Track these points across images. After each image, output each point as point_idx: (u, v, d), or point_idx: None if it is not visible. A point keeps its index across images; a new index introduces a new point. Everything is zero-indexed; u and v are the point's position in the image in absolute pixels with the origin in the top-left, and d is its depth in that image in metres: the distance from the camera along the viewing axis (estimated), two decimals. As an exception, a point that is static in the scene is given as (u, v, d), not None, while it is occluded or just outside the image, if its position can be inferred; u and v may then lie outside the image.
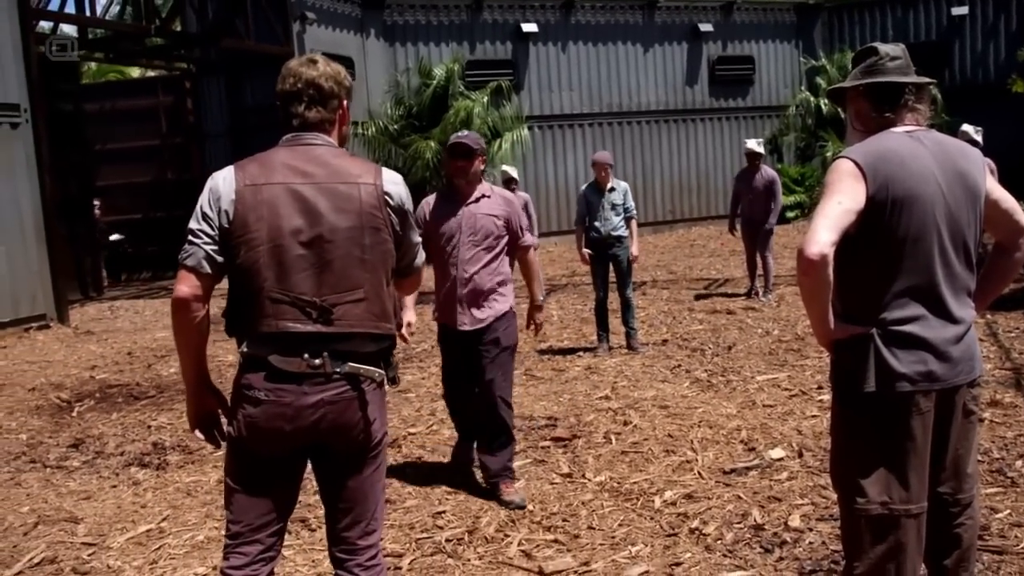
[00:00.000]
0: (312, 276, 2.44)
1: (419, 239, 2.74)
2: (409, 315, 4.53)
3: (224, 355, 8.59)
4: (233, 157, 17.14)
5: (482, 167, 4.62)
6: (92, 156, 17.35)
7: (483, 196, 4.59)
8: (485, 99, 18.35)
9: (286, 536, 2.76)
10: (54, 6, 15.19)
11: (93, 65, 22.60)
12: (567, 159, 20.22)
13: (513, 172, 11.77)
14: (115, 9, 17.55)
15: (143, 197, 18.54)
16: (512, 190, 11.56)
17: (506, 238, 4.62)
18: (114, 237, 17.83)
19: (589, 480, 4.71)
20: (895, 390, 2.50)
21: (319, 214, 2.45)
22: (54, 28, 16.51)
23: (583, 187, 8.52)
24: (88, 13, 14.77)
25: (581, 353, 8.14)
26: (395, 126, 18.31)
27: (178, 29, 17.17)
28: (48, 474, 5.50)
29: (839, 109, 6.66)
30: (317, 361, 2.43)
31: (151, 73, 21.18)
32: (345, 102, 2.65)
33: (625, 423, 5.66)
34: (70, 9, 15.20)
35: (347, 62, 17.89)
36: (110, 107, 18.65)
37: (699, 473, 4.69)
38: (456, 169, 4.60)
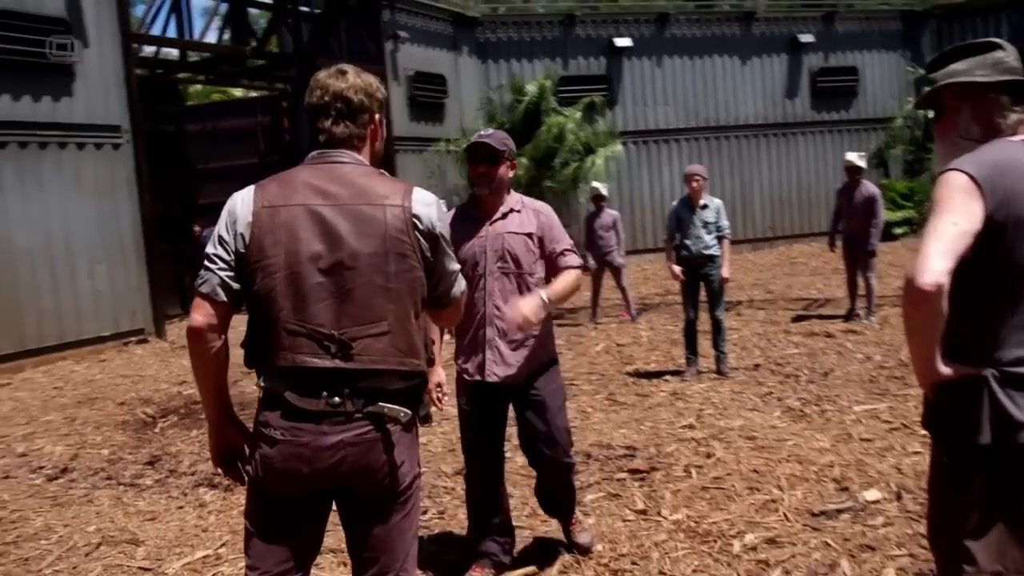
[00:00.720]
0: (331, 306, 2.24)
1: (457, 266, 2.47)
2: (438, 375, 3.64)
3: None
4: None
5: (511, 174, 3.68)
6: (194, 175, 17.83)
7: (511, 211, 3.70)
8: (578, 115, 18.13)
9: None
10: (156, 30, 15.59)
11: (199, 87, 23.31)
12: (662, 175, 19.81)
13: (603, 189, 11.51)
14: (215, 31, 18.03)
15: (202, 218, 18.93)
16: (600, 207, 11.32)
17: (542, 262, 3.74)
18: None
19: (664, 518, 4.40)
20: (1016, 442, 2.13)
21: (340, 238, 2.25)
22: (156, 52, 17.05)
23: (674, 202, 8.21)
24: (188, 36, 15.11)
25: (668, 377, 7.80)
26: (487, 143, 18.24)
27: (275, 50, 17.52)
28: (120, 492, 5.50)
29: (929, 114, 5.79)
30: (337, 399, 2.23)
31: (253, 93, 21.66)
32: (377, 116, 2.45)
33: (708, 456, 5.32)
34: (170, 32, 15.58)
35: (440, 80, 18.00)
36: (211, 127, 19.15)
37: (785, 514, 4.32)
38: (477, 176, 3.66)
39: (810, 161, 21.05)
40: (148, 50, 16.74)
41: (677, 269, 7.81)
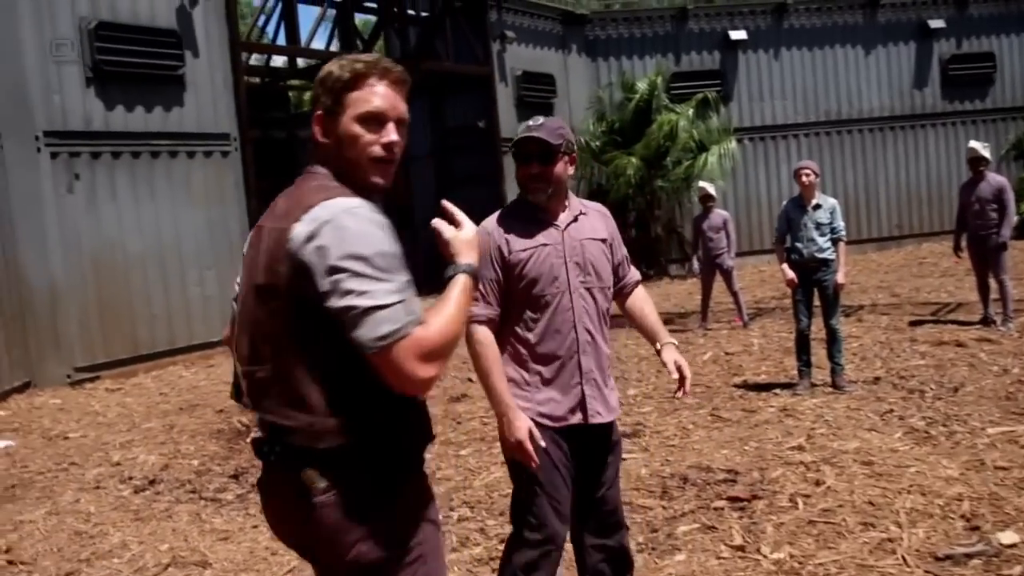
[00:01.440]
0: (242, 341, 1.99)
1: (361, 302, 1.74)
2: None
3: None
4: (436, 178, 17.50)
5: (571, 171, 3.00)
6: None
7: (580, 213, 3.06)
8: (690, 111, 17.59)
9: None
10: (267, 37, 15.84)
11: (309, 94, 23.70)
12: (780, 172, 18.96)
13: (711, 188, 10.98)
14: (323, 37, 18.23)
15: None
16: (709, 208, 10.80)
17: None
18: None
19: (764, 557, 3.95)
20: None
21: (249, 266, 1.99)
22: (267, 60, 17.36)
23: (784, 202, 7.66)
24: (296, 43, 15.26)
25: (778, 390, 7.25)
26: (597, 143, 17.90)
27: (381, 54, 17.58)
28: (200, 507, 5.40)
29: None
30: (265, 448, 1.95)
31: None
32: (320, 110, 1.97)
33: (817, 483, 4.81)
34: (280, 40, 15.81)
35: (548, 80, 17.74)
36: (323, 133, 19.42)
37: (903, 557, 3.81)
38: (529, 179, 2.93)
39: (940, 154, 19.81)
40: (259, 58, 17.07)
41: (790, 273, 7.26)
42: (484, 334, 2.89)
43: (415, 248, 9.12)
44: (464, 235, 1.97)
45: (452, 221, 1.99)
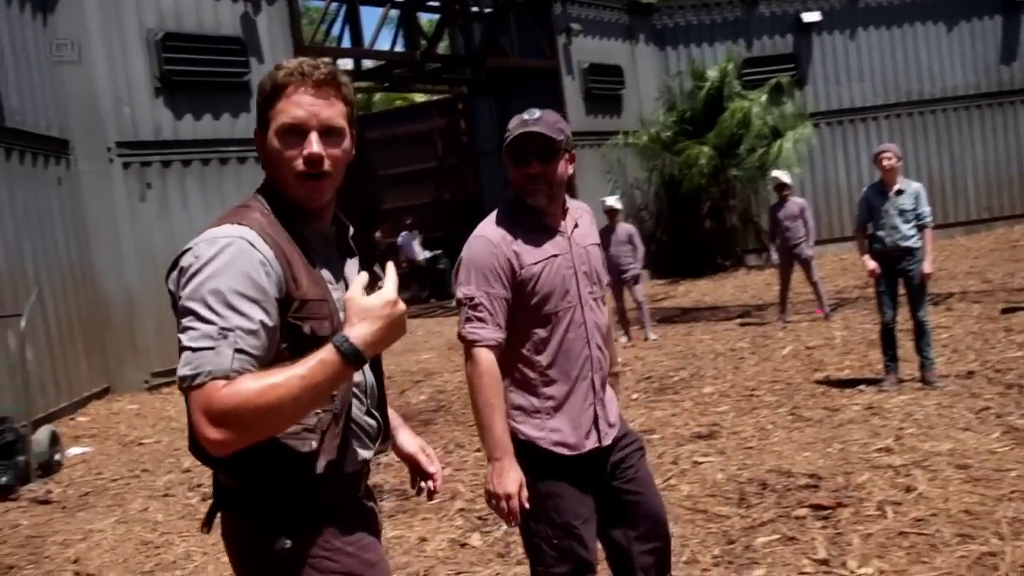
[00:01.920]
0: None
1: (187, 339, 1.59)
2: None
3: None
4: (504, 175, 17.49)
5: (571, 170, 2.68)
6: (374, 182, 18.17)
7: (579, 218, 2.78)
8: (763, 98, 17.07)
9: None
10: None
11: (381, 95, 23.81)
12: (860, 157, 18.25)
13: (785, 177, 10.58)
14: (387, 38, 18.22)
15: (423, 218, 19.13)
16: (785, 196, 10.41)
17: None
18: (428, 254, 18.46)
19: (851, 572, 3.66)
20: None
21: None
22: (333, 63, 17.40)
23: (864, 188, 7.28)
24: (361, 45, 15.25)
25: (863, 386, 6.88)
26: (667, 133, 17.52)
27: (447, 53, 17.51)
28: (266, 518, 5.32)
29: None
30: None
31: (434, 97, 21.90)
32: (256, 128, 1.83)
33: (908, 489, 4.49)
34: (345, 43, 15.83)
35: (616, 71, 17.45)
36: (389, 133, 19.48)
37: (1007, 574, 3.49)
38: (526, 180, 2.61)
39: (1033, 132, 18.86)
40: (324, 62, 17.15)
41: (871, 264, 6.88)
42: (490, 362, 2.55)
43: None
44: (365, 302, 1.61)
45: (376, 282, 1.69)
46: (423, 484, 2.15)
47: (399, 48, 16.13)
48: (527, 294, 2.61)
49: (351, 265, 1.94)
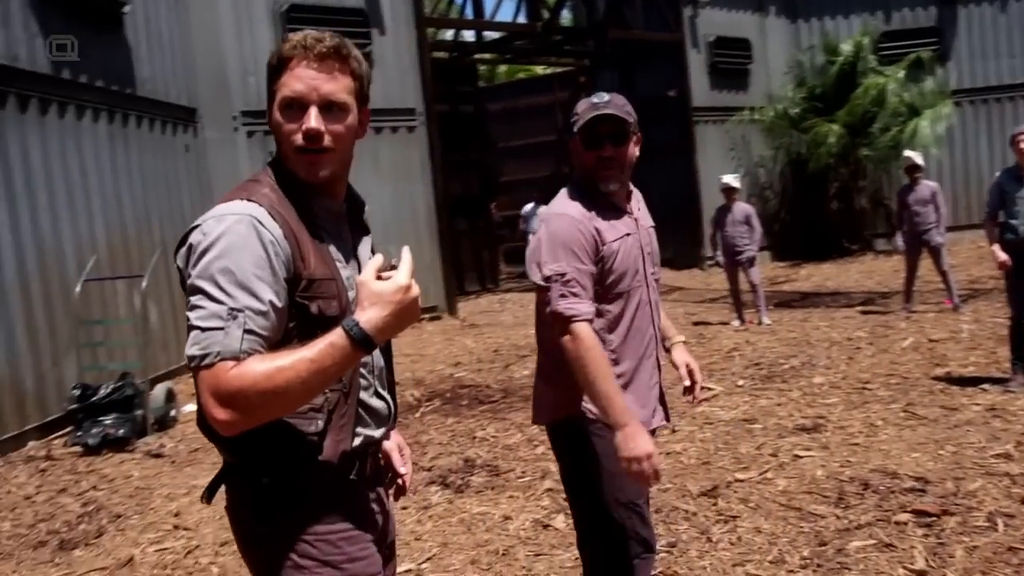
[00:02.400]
0: None
1: (195, 317, 1.58)
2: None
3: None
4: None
5: (636, 152, 2.65)
6: (493, 154, 18.18)
7: (640, 200, 2.83)
8: (901, 74, 16.22)
9: None
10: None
11: (504, 67, 23.77)
12: (1004, 139, 17.10)
13: (918, 158, 10.01)
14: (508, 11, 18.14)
15: (541, 191, 19.06)
16: (916, 179, 9.87)
17: None
18: None
19: (950, 586, 3.44)
20: None
21: None
22: (456, 35, 17.48)
23: (997, 173, 6.80)
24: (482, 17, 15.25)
25: (987, 385, 6.45)
26: (796, 110, 16.86)
27: (569, 24, 17.30)
28: (359, 486, 5.41)
29: None
30: None
31: (558, 70, 21.74)
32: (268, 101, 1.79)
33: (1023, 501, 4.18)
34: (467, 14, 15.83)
35: (743, 44, 16.94)
36: (511, 106, 19.44)
37: (1125, 602, 3.20)
38: (601, 163, 2.60)
39: None
40: (448, 34, 17.23)
41: (1002, 255, 6.43)
42: (591, 335, 2.53)
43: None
44: (377, 286, 1.58)
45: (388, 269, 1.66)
46: (396, 482, 2.09)
47: (521, 20, 16.02)
48: (605, 272, 2.62)
49: (365, 243, 1.91)
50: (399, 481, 2.09)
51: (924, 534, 3.94)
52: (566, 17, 19.12)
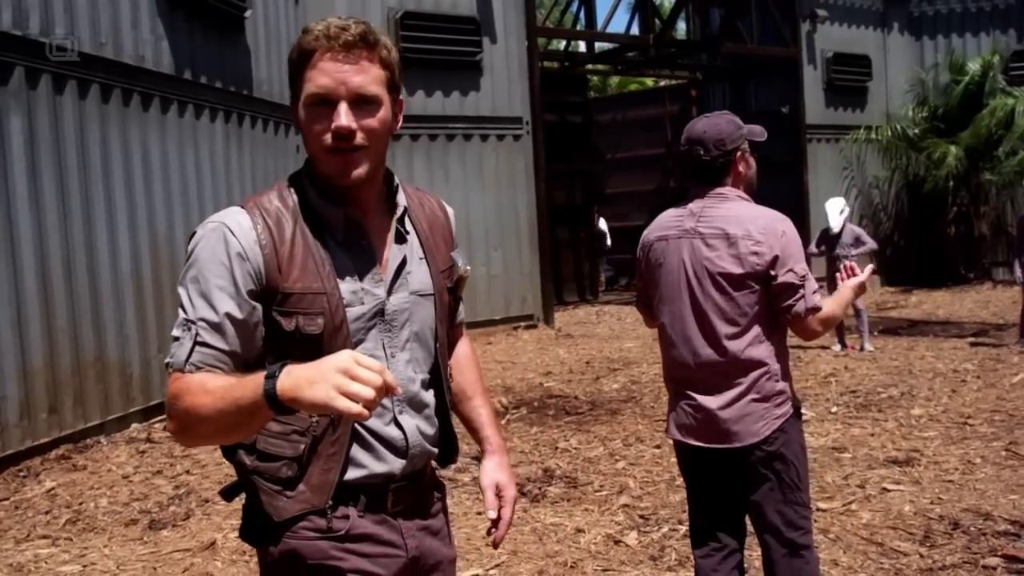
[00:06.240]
0: None
1: (175, 324, 1.58)
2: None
3: (610, 384, 8.06)
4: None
5: (744, 168, 2.87)
6: (599, 165, 18.13)
7: None
8: (1032, 95, 15.45)
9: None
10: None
11: (616, 78, 23.70)
12: None
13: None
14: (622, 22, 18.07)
15: (647, 204, 18.92)
16: None
17: None
18: None
19: (1034, 638, 3.27)
20: None
21: None
22: (567, 45, 17.52)
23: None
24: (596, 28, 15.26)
25: (1101, 428, 6.10)
26: (915, 130, 16.26)
27: (682, 37, 17.14)
28: (438, 488, 5.48)
29: None
30: None
31: (672, 82, 21.56)
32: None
33: None
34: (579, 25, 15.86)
35: (863, 61, 16.48)
36: (620, 118, 19.37)
37: None
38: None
39: None
40: (561, 44, 17.29)
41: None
42: None
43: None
44: (337, 356, 1.32)
45: None
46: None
47: (634, 31, 15.96)
48: None
49: (397, 251, 1.71)
50: (493, 529, 1.91)
51: (1013, 580, 3.75)
52: (680, 29, 18.94)
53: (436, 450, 1.79)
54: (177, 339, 1.54)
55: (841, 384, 7.94)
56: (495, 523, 1.91)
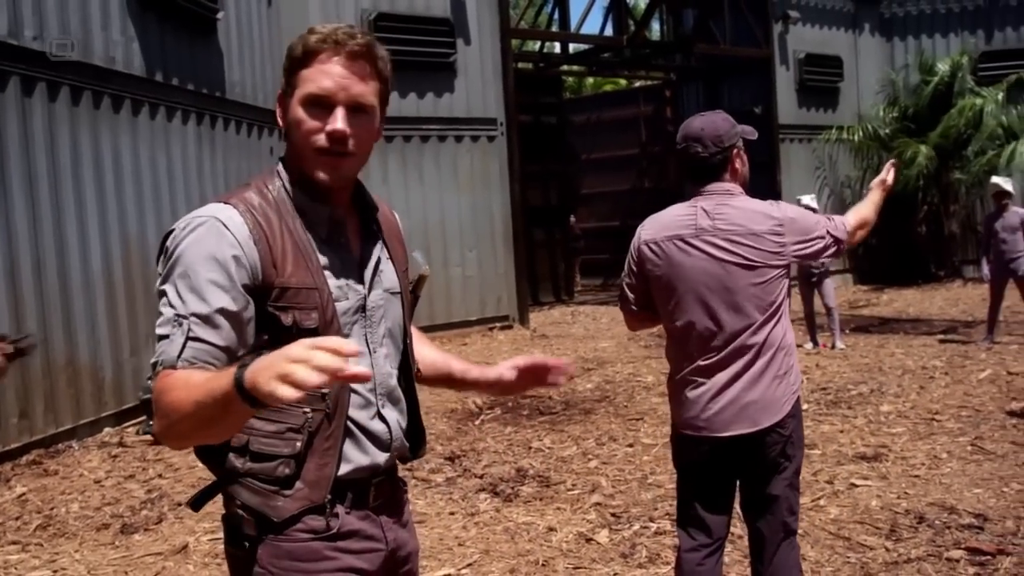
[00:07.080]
0: None
1: (157, 322, 1.58)
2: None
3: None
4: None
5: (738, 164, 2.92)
6: (574, 166, 18.19)
7: None
8: (1000, 95, 15.66)
9: None
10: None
11: (591, 79, 23.80)
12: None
13: (1006, 184, 9.66)
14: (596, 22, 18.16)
15: (622, 205, 19.01)
16: (1004, 206, 9.54)
17: None
18: None
19: (994, 628, 3.33)
20: None
21: None
22: (541, 46, 17.57)
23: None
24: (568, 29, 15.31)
25: (1065, 423, 6.21)
26: (886, 130, 16.45)
27: (655, 38, 17.23)
28: (411, 487, 5.49)
29: None
30: None
31: (648, 83, 21.66)
32: (279, 92, 1.70)
33: (1087, 545, 4.01)
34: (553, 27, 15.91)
35: (835, 62, 16.65)
36: (595, 118, 19.45)
37: None
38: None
39: None
40: (536, 45, 17.33)
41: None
42: None
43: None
44: (297, 345, 1.23)
45: None
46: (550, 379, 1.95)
47: (608, 32, 16.03)
48: None
49: (374, 250, 1.76)
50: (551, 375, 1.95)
51: (976, 573, 3.82)
52: (654, 30, 19.04)
53: (407, 444, 1.82)
54: (165, 336, 1.52)
55: (812, 381, 8.02)
56: (547, 369, 1.94)
